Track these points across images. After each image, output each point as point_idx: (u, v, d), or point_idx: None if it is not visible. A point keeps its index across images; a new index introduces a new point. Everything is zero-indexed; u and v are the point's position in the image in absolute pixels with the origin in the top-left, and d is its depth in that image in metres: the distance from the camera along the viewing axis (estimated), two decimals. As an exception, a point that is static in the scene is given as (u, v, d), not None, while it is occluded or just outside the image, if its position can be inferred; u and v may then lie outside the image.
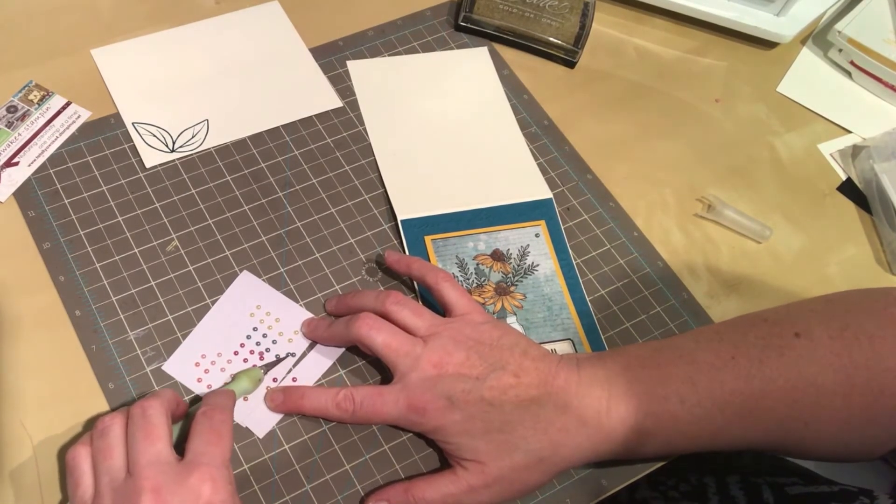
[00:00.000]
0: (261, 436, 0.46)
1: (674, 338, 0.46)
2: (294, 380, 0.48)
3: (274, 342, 0.49)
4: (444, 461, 0.46)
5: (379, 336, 0.45)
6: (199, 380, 0.47)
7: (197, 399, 0.47)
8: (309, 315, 0.50)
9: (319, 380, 0.48)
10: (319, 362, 0.49)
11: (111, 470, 0.39)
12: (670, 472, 0.60)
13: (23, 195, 0.53)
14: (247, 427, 0.46)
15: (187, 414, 0.44)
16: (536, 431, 0.42)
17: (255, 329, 0.50)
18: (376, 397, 0.44)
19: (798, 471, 0.60)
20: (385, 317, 0.46)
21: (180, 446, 0.41)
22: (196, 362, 0.48)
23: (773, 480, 0.56)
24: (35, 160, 0.54)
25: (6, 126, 0.56)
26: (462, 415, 0.42)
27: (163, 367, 0.47)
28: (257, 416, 0.47)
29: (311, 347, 0.49)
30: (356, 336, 0.45)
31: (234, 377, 0.47)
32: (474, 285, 0.53)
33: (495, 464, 0.42)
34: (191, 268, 0.51)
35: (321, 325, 0.49)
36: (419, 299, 0.52)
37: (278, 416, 0.47)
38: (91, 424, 0.46)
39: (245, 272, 0.51)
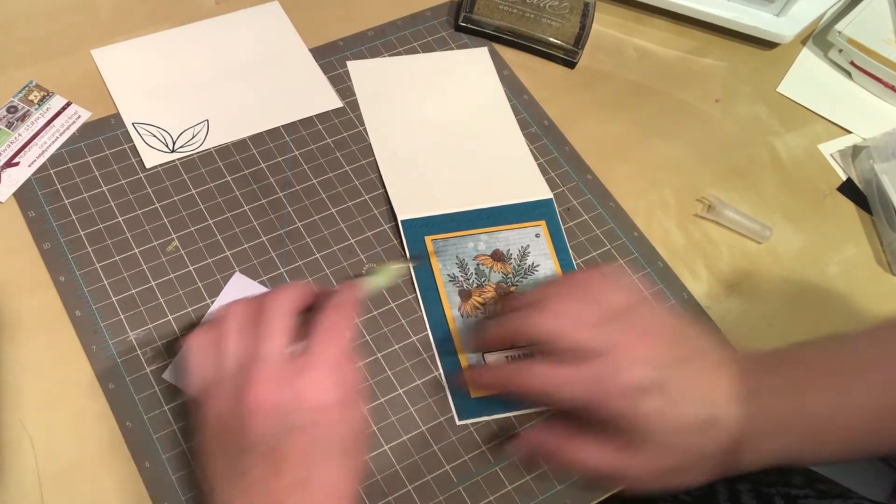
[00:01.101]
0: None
1: (843, 341, 0.45)
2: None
3: (274, 342, 0.49)
4: (446, 462, 0.46)
5: (560, 322, 0.42)
6: (200, 380, 0.47)
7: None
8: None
9: (319, 380, 0.48)
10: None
11: (228, 357, 0.40)
12: None
13: (23, 195, 0.53)
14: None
15: (314, 305, 0.43)
16: (708, 435, 0.41)
17: (255, 329, 0.50)
18: (561, 373, 0.42)
19: (804, 475, 0.60)
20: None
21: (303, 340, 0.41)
22: (196, 363, 0.48)
23: (785, 491, 0.56)
24: (35, 160, 0.54)
25: (6, 126, 0.56)
26: (652, 406, 0.40)
27: (163, 375, 0.47)
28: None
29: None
30: (535, 333, 0.43)
31: (372, 271, 0.47)
32: (474, 286, 0.53)
33: (680, 458, 0.41)
34: (191, 268, 0.51)
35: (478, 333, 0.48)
36: (413, 276, 0.52)
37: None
38: (91, 425, 0.46)
39: (237, 274, 0.51)
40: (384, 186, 0.56)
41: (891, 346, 0.43)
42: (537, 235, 0.55)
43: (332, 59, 0.62)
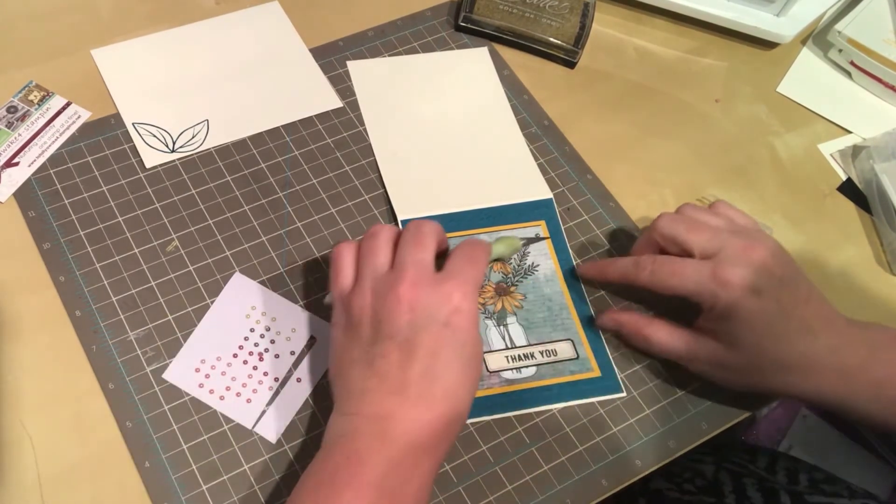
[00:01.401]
0: (273, 441, 0.46)
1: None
2: (298, 380, 0.48)
3: (272, 342, 0.49)
4: (446, 462, 0.46)
5: (680, 225, 0.47)
6: (201, 385, 0.47)
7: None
8: (305, 313, 0.50)
9: (321, 379, 0.48)
10: (320, 361, 0.49)
11: (376, 265, 0.43)
12: (684, 466, 0.60)
13: (23, 195, 0.53)
14: (259, 435, 0.46)
15: (445, 252, 0.46)
16: (799, 359, 0.44)
17: (252, 330, 0.50)
18: (677, 261, 0.46)
19: (808, 470, 0.60)
20: (673, 239, 0.48)
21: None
22: (196, 368, 0.48)
23: (791, 489, 0.56)
24: (35, 160, 0.54)
25: (6, 126, 0.56)
26: (757, 306, 0.44)
27: (163, 376, 0.47)
28: (267, 423, 0.47)
29: (309, 346, 0.49)
30: (658, 231, 0.48)
31: (496, 241, 0.50)
32: (474, 285, 0.53)
33: (749, 361, 0.45)
34: (191, 268, 0.51)
35: (599, 264, 0.52)
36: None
37: (287, 421, 0.47)
38: (91, 425, 0.46)
39: (237, 274, 0.51)
40: (384, 186, 0.56)
41: None
42: (537, 235, 0.55)
43: (332, 59, 0.62)
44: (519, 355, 0.50)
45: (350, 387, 0.41)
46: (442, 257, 0.45)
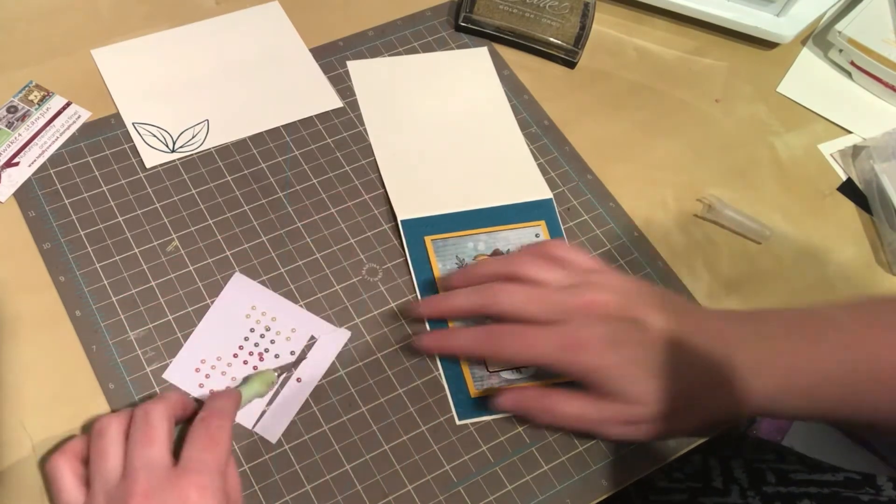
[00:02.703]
0: (273, 441, 0.46)
1: (811, 307, 0.46)
2: (298, 380, 0.48)
3: (272, 342, 0.49)
4: (446, 462, 0.46)
5: (516, 296, 0.44)
6: (201, 385, 0.47)
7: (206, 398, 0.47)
8: (305, 313, 0.50)
9: (321, 379, 0.48)
10: (320, 363, 0.49)
11: (105, 472, 0.39)
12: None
13: (23, 195, 0.53)
14: (259, 435, 0.46)
15: (194, 415, 0.44)
16: (692, 380, 0.42)
17: (252, 330, 0.50)
18: (527, 332, 0.43)
19: (800, 459, 0.60)
20: (517, 279, 0.46)
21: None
22: (196, 368, 0.48)
23: (776, 467, 0.56)
24: (35, 160, 0.54)
25: (6, 126, 0.56)
26: (619, 356, 0.42)
27: (163, 376, 0.47)
28: (267, 423, 0.47)
29: (309, 348, 0.49)
30: (486, 302, 0.45)
31: (247, 379, 0.47)
32: (474, 285, 0.53)
33: (646, 406, 0.42)
34: (191, 268, 0.51)
35: (438, 300, 0.48)
36: (413, 276, 0.52)
37: (287, 421, 0.47)
38: (91, 424, 0.46)
39: (237, 274, 0.51)
40: (384, 186, 0.56)
41: (863, 313, 0.44)
42: (537, 235, 0.55)
43: (332, 59, 0.62)
44: None
45: None
46: (190, 420, 0.42)
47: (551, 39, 0.63)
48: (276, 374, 0.48)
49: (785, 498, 0.52)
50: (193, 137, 0.57)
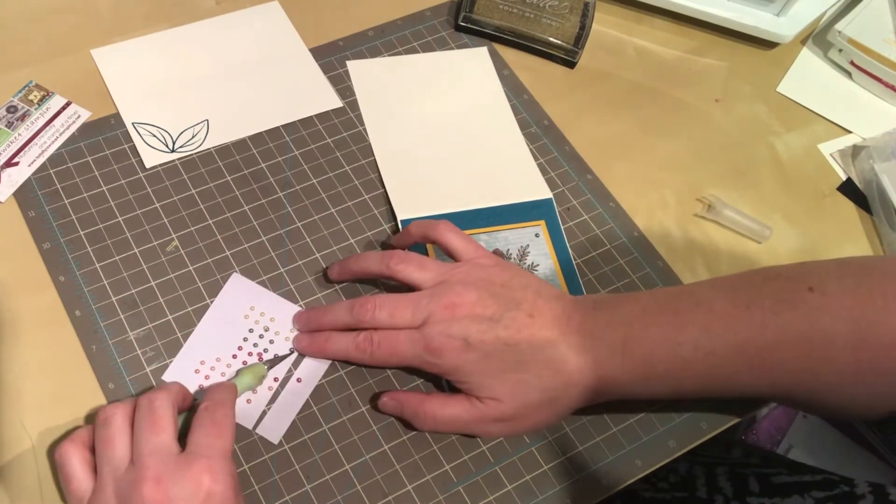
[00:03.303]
0: (275, 442, 0.46)
1: (689, 285, 0.46)
2: (299, 380, 0.48)
3: (271, 342, 0.49)
4: (446, 462, 0.46)
5: (383, 311, 0.45)
6: (200, 386, 0.47)
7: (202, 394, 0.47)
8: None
9: (321, 379, 0.48)
10: (320, 363, 0.49)
11: (113, 459, 0.39)
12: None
13: (23, 195, 0.53)
14: (260, 436, 0.46)
15: (192, 407, 0.44)
16: (550, 371, 0.43)
17: (250, 330, 0.50)
18: (393, 338, 0.45)
19: (785, 462, 0.60)
20: (391, 278, 0.47)
21: (184, 439, 0.41)
22: (195, 369, 0.48)
23: (759, 472, 0.57)
24: (35, 160, 0.54)
25: (6, 126, 0.56)
26: (478, 355, 0.43)
27: (163, 377, 0.47)
28: (268, 424, 0.47)
29: (311, 347, 0.49)
30: (359, 318, 0.46)
31: (238, 373, 0.47)
32: (474, 285, 0.52)
33: (510, 402, 0.43)
34: (191, 268, 0.51)
35: (317, 314, 0.49)
36: None
37: (288, 421, 0.47)
38: (95, 414, 0.46)
39: (235, 274, 0.51)
40: (384, 186, 0.56)
41: (729, 289, 0.44)
42: (537, 235, 0.55)
43: (332, 59, 0.62)
44: None
45: None
46: (190, 410, 0.43)
47: (551, 39, 0.63)
48: (266, 367, 0.48)
49: None
50: (193, 137, 0.57)
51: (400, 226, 0.54)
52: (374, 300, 0.46)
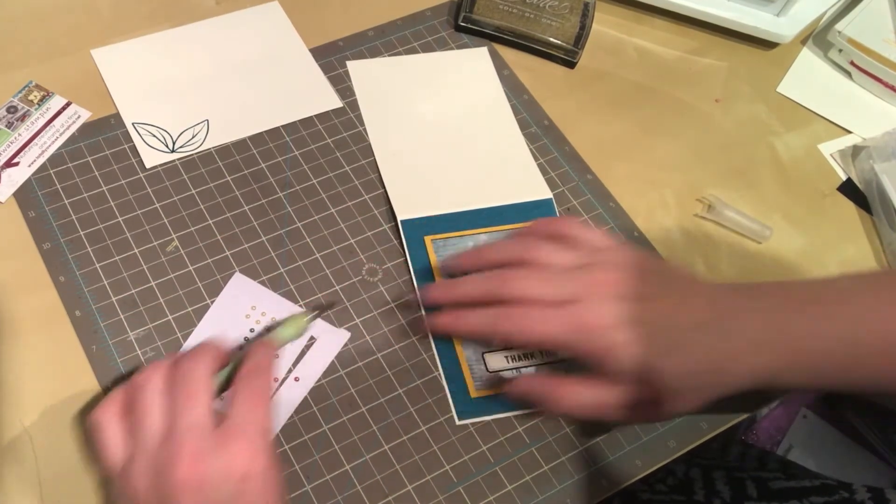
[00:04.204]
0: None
1: (827, 278, 0.46)
2: (296, 379, 0.48)
3: (274, 342, 0.49)
4: (446, 462, 0.46)
5: (526, 281, 0.44)
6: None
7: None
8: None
9: (320, 379, 0.48)
10: (318, 361, 0.49)
11: (148, 429, 0.38)
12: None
13: (23, 195, 0.53)
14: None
15: (231, 363, 0.43)
16: (700, 357, 0.42)
17: (251, 330, 0.50)
18: (537, 315, 0.43)
19: (782, 465, 0.60)
20: (526, 262, 0.46)
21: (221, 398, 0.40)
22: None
23: (757, 475, 0.57)
24: (35, 160, 0.54)
25: (6, 126, 0.56)
26: (631, 335, 0.42)
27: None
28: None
29: (308, 348, 0.49)
30: (498, 291, 0.44)
31: (279, 324, 0.46)
32: (474, 285, 0.53)
33: (658, 386, 0.42)
34: (191, 268, 0.51)
35: (449, 286, 0.47)
36: (413, 276, 0.52)
37: (285, 421, 0.47)
38: (89, 423, 0.46)
39: (237, 274, 0.51)
40: (384, 186, 0.56)
41: (873, 282, 0.44)
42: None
43: (332, 59, 0.62)
44: (518, 355, 0.50)
45: None
46: (227, 365, 0.42)
47: (551, 39, 0.63)
48: (307, 318, 0.47)
49: None
50: (193, 137, 0.57)
51: (400, 226, 0.54)
52: (517, 272, 0.44)
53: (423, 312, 0.50)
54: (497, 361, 0.50)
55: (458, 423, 0.48)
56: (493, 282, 0.45)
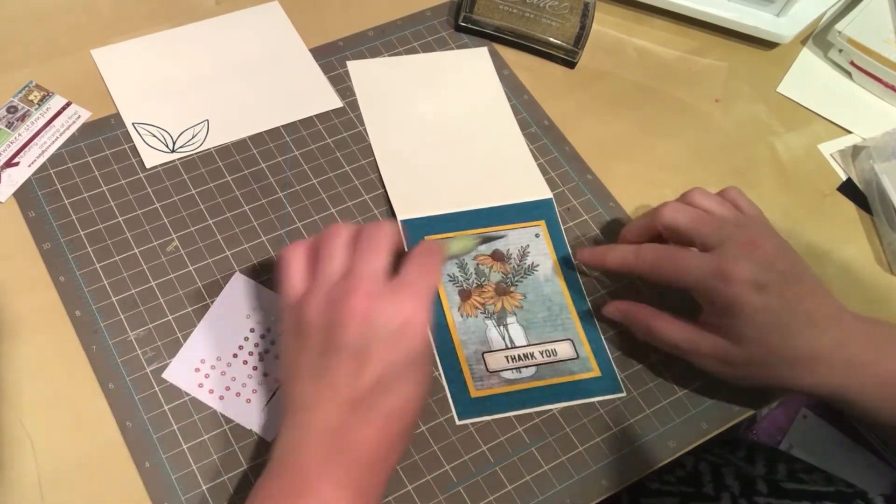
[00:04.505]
0: (268, 439, 0.46)
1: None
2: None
3: (273, 342, 0.49)
4: (446, 462, 0.46)
5: (684, 215, 0.48)
6: (200, 385, 0.47)
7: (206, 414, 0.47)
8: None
9: (319, 380, 0.48)
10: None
11: (331, 268, 0.42)
12: None
13: (23, 195, 0.53)
14: (259, 435, 0.46)
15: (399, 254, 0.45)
16: (805, 353, 0.44)
17: (252, 330, 0.50)
18: (679, 253, 0.47)
19: (792, 464, 0.60)
20: (688, 203, 0.49)
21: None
22: (196, 368, 0.48)
23: (769, 477, 0.57)
24: (35, 160, 0.54)
25: (6, 126, 0.56)
26: (760, 301, 0.44)
27: (163, 375, 0.47)
28: (267, 423, 0.47)
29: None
30: (661, 220, 0.48)
31: (453, 238, 0.49)
32: (474, 285, 0.53)
33: (752, 356, 0.45)
34: (191, 268, 0.51)
35: (601, 249, 0.51)
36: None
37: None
38: (91, 425, 0.46)
39: (238, 274, 0.51)
40: (384, 186, 0.56)
41: None
42: (537, 235, 0.55)
43: (332, 59, 0.62)
44: (519, 355, 0.50)
45: (300, 397, 0.41)
46: (397, 257, 0.44)
47: (551, 39, 0.63)
48: (476, 241, 0.50)
49: None
50: (193, 137, 0.57)
51: (400, 226, 0.54)
52: (674, 202, 0.48)
53: None
54: (497, 361, 0.50)
55: (458, 422, 0.48)
56: (652, 212, 0.49)
